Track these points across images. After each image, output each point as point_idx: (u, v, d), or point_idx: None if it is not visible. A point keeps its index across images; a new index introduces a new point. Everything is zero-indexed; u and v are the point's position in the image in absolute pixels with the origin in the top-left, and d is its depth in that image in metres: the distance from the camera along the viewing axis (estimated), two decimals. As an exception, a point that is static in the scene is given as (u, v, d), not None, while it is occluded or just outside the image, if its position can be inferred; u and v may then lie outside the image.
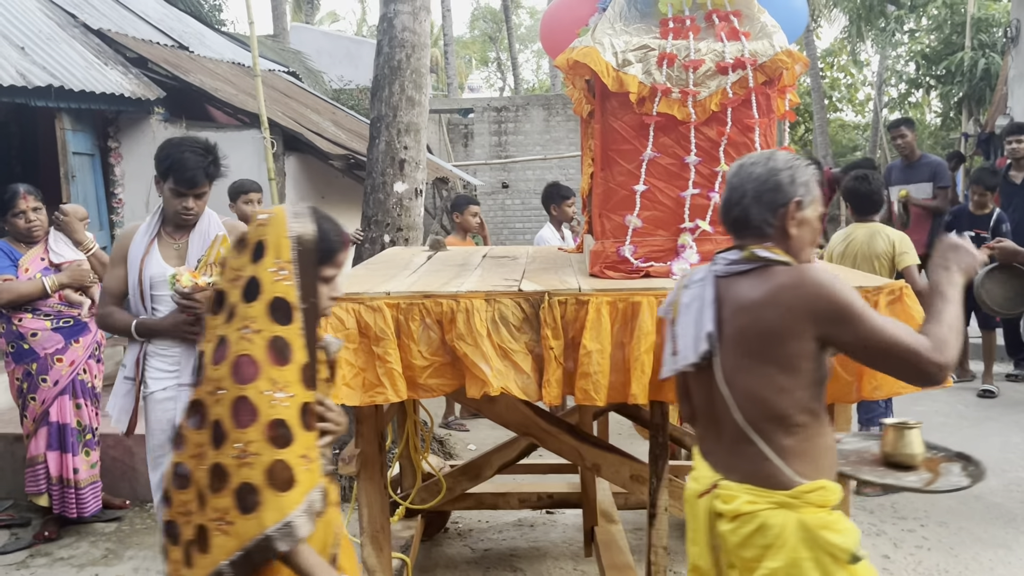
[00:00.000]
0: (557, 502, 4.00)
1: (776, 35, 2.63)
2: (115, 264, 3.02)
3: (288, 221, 1.77)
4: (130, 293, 3.00)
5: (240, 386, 1.66)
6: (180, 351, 2.95)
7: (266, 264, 1.74)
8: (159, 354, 2.98)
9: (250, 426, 1.65)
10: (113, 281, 3.01)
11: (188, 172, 2.95)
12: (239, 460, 1.64)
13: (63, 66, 6.06)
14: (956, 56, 15.07)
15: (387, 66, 5.04)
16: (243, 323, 1.70)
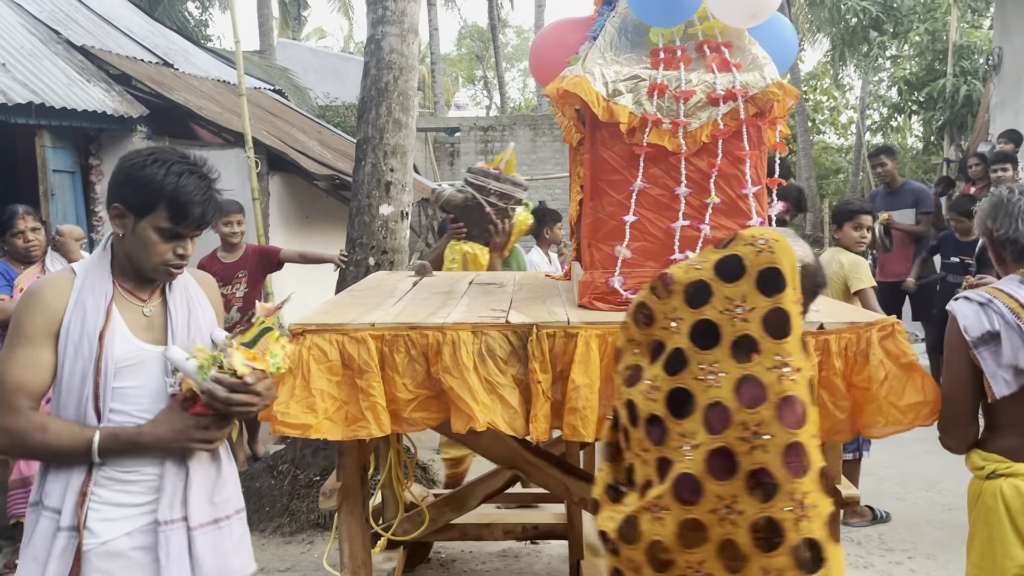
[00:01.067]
0: (542, 533, 3.94)
1: (767, 67, 2.61)
2: (29, 342, 1.87)
3: (793, 247, 1.65)
4: (64, 390, 1.89)
5: (791, 431, 1.50)
6: (158, 471, 1.93)
7: (789, 296, 1.60)
8: (120, 480, 1.90)
9: (804, 476, 1.49)
10: (29, 372, 1.86)
11: (196, 205, 1.93)
12: (797, 514, 1.46)
13: (44, 83, 5.99)
14: (938, 82, 15.27)
15: (374, 88, 5.00)
16: (777, 361, 1.54)
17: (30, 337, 1.88)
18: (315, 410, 2.34)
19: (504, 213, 4.09)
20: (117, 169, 1.96)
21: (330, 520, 4.33)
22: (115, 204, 1.94)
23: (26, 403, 1.86)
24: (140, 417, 1.92)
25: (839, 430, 2.37)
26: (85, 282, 1.94)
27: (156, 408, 1.93)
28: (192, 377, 1.87)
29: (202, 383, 1.85)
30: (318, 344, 2.39)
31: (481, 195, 4.07)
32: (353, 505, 2.70)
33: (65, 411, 1.90)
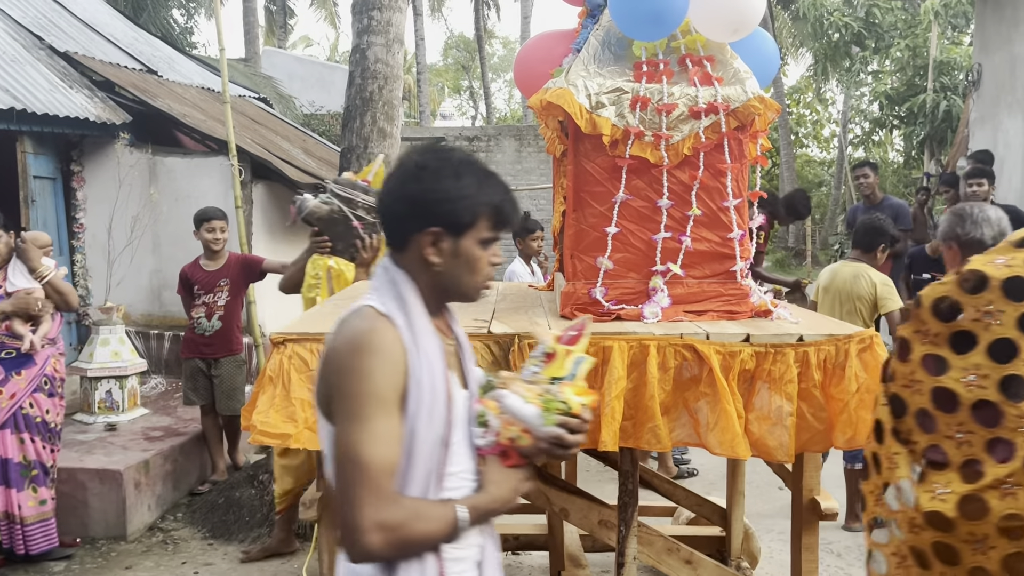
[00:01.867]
0: (523, 544, 3.93)
1: (748, 81, 2.64)
2: (385, 408, 1.48)
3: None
4: (416, 462, 1.52)
5: None
6: (481, 541, 1.67)
7: None
8: (456, 559, 1.59)
9: None
10: (392, 448, 1.48)
11: (509, 202, 1.68)
12: None
13: (26, 89, 5.95)
14: (918, 98, 15.46)
15: (359, 97, 5.01)
16: None
17: (385, 401, 1.48)
18: (295, 420, 2.33)
19: (372, 228, 3.84)
20: (414, 191, 1.58)
21: (311, 530, 4.30)
22: (432, 229, 1.58)
23: (388, 484, 1.47)
24: (464, 478, 1.60)
25: (816, 441, 2.39)
26: (410, 322, 1.56)
27: (468, 464, 1.62)
28: (532, 424, 1.59)
29: (544, 429, 1.59)
30: (299, 353, 2.38)
31: (348, 208, 3.81)
32: (333, 516, 2.69)
33: (411, 486, 1.51)
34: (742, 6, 2.63)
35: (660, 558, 2.87)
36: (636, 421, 2.37)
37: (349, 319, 1.56)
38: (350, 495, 1.44)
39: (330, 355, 1.52)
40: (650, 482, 3.86)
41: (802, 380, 2.36)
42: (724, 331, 2.41)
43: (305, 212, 3.78)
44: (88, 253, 6.65)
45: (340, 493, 1.47)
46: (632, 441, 2.38)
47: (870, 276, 4.49)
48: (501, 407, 1.62)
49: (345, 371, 1.48)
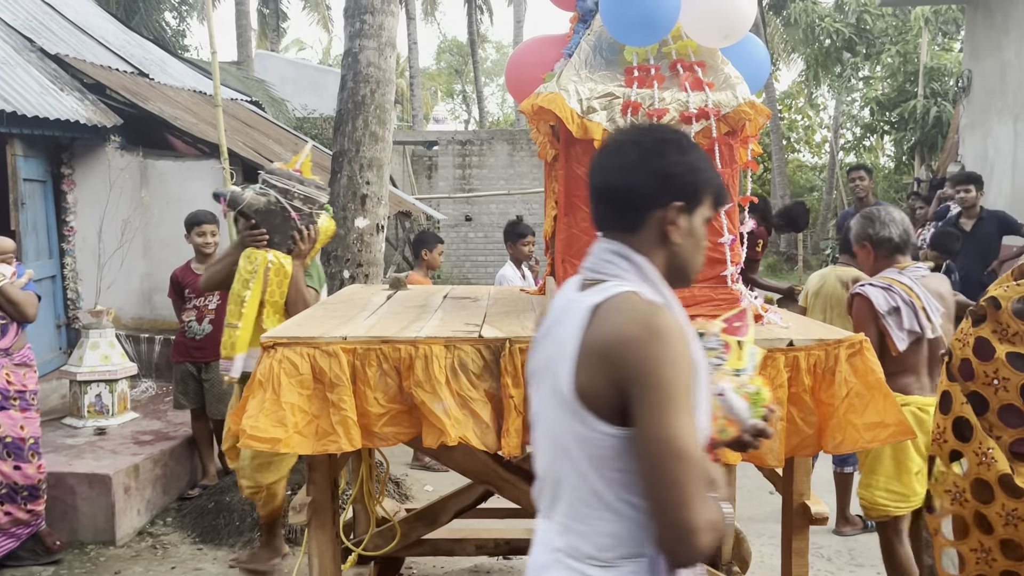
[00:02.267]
0: (515, 548, 3.92)
1: (739, 86, 2.65)
2: (690, 399, 1.41)
3: None
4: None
5: None
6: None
7: None
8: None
9: None
10: (696, 440, 1.40)
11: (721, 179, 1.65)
12: None
13: (17, 91, 5.92)
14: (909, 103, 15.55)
15: (351, 101, 5.01)
16: None
17: (690, 390, 1.41)
18: (285, 424, 2.33)
19: (309, 219, 3.73)
20: (659, 165, 1.53)
21: (301, 535, 4.28)
22: (676, 204, 1.53)
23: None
24: None
25: (806, 445, 2.39)
26: (671, 307, 1.52)
27: None
28: (741, 417, 1.57)
29: (751, 422, 1.57)
30: (289, 357, 2.38)
31: (285, 199, 3.67)
32: (323, 520, 2.68)
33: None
34: (733, 12, 2.64)
35: (651, 563, 2.87)
36: (627, 425, 2.36)
37: (620, 306, 1.45)
38: (677, 493, 1.34)
39: (615, 345, 1.41)
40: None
41: (792, 385, 2.37)
42: (715, 336, 2.41)
43: (242, 204, 3.60)
44: (78, 256, 6.62)
45: (661, 492, 1.36)
46: (623, 445, 2.38)
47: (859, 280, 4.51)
48: (720, 401, 1.58)
49: (649, 360, 1.38)
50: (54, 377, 6.00)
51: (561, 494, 1.52)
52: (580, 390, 1.44)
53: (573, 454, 1.47)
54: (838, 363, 2.35)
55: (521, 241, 5.95)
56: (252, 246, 3.68)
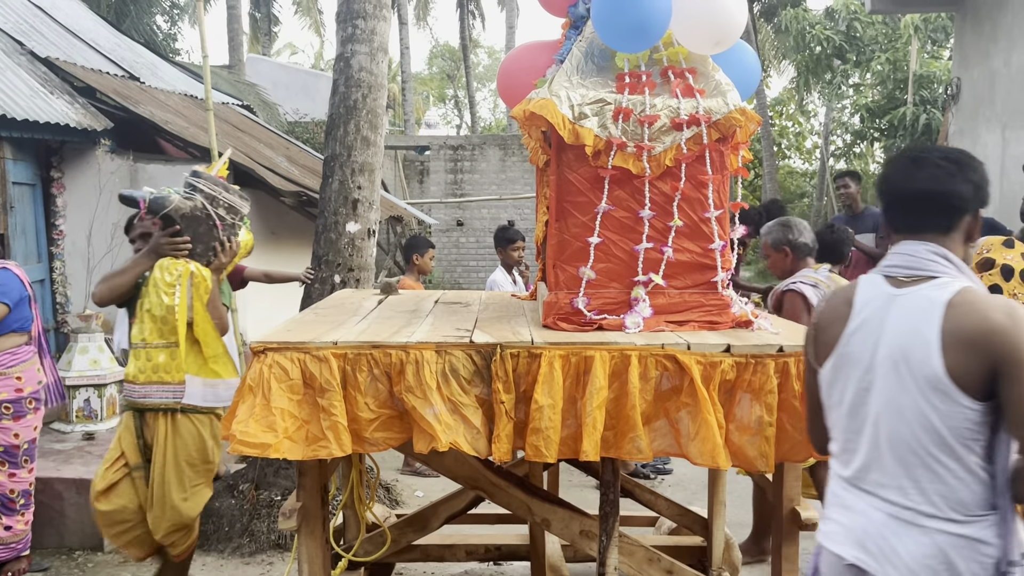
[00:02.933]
0: (505, 554, 3.92)
1: (730, 93, 2.66)
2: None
3: None
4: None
5: None
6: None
7: None
8: None
9: None
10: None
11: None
12: None
13: (6, 94, 5.89)
14: (899, 111, 15.63)
15: (343, 105, 5.00)
16: None
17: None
18: (275, 429, 2.32)
19: (232, 230, 3.47)
20: (976, 177, 1.87)
21: (290, 541, 4.27)
22: (980, 210, 1.90)
23: None
24: None
25: (796, 451, 2.40)
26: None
27: None
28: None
29: None
30: (279, 362, 2.37)
31: (211, 205, 3.39)
32: (313, 526, 2.67)
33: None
34: (724, 19, 2.65)
35: (641, 568, 2.88)
36: (618, 431, 2.37)
37: (975, 301, 1.77)
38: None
39: (986, 333, 1.72)
40: (632, 492, 3.86)
41: (782, 390, 2.37)
42: (705, 341, 2.42)
43: (168, 207, 3.29)
44: (67, 260, 6.59)
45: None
46: (614, 451, 2.38)
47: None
48: None
49: (1017, 344, 1.70)
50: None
51: (911, 461, 1.80)
52: (951, 372, 1.74)
53: (934, 427, 1.76)
54: (828, 369, 2.36)
55: (512, 246, 5.95)
56: (171, 255, 3.37)
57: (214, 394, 3.46)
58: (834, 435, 1.99)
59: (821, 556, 1.99)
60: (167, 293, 3.33)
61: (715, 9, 2.64)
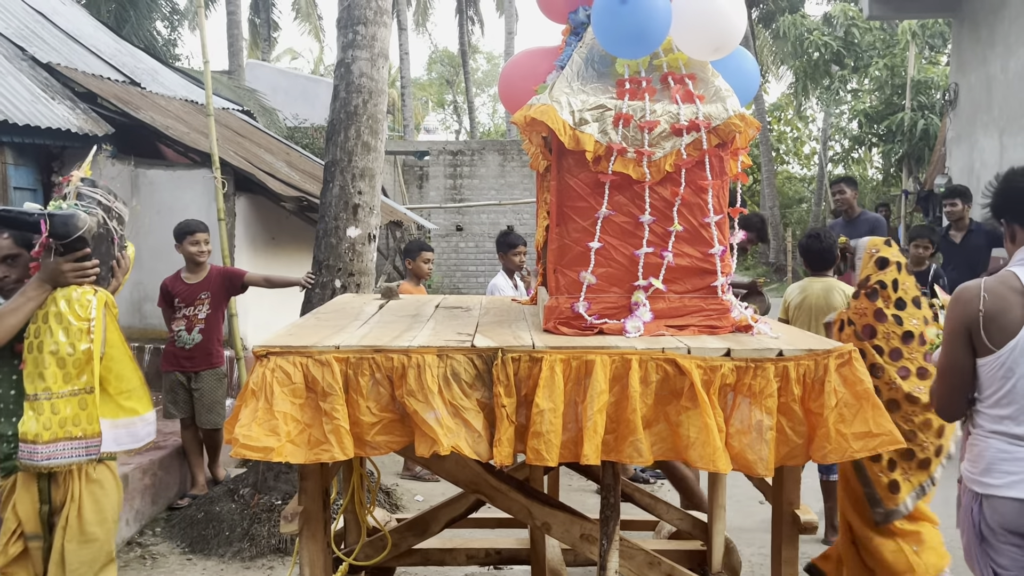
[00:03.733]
0: (505, 558, 3.93)
1: (730, 99, 2.68)
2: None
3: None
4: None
5: None
6: None
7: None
8: None
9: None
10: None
11: None
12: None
13: (7, 99, 5.91)
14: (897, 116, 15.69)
15: (343, 111, 5.02)
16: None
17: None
18: (278, 433, 2.33)
19: (121, 244, 3.01)
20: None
21: (291, 545, 4.27)
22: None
23: None
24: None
25: (795, 455, 2.41)
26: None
27: None
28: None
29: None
30: (281, 366, 2.38)
31: (108, 218, 2.92)
32: (315, 529, 2.68)
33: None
34: (723, 26, 2.68)
35: (641, 572, 2.89)
36: (618, 435, 2.38)
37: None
38: None
39: None
40: (631, 496, 3.87)
41: (782, 394, 2.38)
42: (705, 345, 2.43)
43: (82, 228, 2.77)
44: (68, 265, 6.60)
45: None
46: (614, 455, 2.39)
47: (843, 289, 4.57)
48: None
49: None
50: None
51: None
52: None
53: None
54: (827, 373, 2.37)
55: (512, 251, 5.97)
56: (79, 283, 2.82)
57: (130, 434, 2.93)
58: (1006, 402, 2.52)
59: (989, 505, 2.53)
60: (81, 331, 2.79)
61: (715, 15, 2.66)
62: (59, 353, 2.77)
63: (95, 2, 14.04)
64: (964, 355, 2.58)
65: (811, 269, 4.83)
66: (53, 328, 2.78)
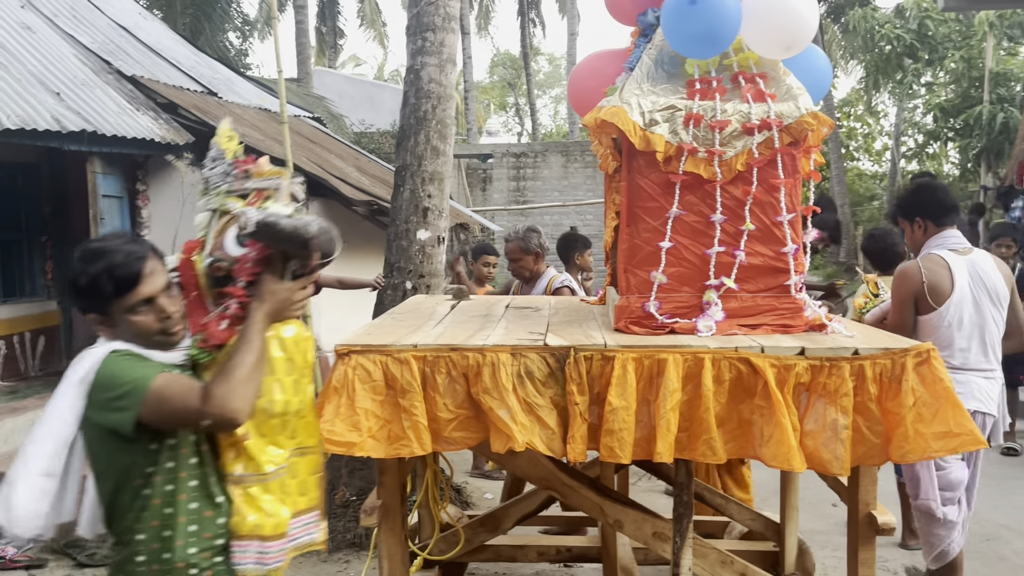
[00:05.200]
0: (576, 556, 3.96)
1: (801, 97, 2.67)
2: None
3: None
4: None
5: None
6: None
7: None
8: None
9: None
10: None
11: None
12: None
13: (96, 111, 6.21)
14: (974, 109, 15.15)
15: (413, 116, 5.13)
16: None
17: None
18: (359, 428, 2.41)
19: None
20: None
21: (366, 540, 4.39)
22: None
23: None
24: None
25: (872, 455, 2.39)
26: None
27: None
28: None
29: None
30: (363, 364, 2.47)
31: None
32: (393, 523, 2.76)
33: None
34: (795, 24, 2.67)
35: (715, 571, 2.89)
36: (691, 433, 2.40)
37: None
38: None
39: (1009, 275, 3.53)
40: (701, 495, 3.86)
41: (858, 393, 2.37)
42: (779, 344, 2.43)
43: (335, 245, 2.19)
44: (151, 269, 6.89)
45: None
46: (687, 453, 2.41)
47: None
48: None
49: None
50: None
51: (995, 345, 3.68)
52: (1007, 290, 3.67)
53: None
54: (905, 372, 2.35)
55: (588, 251, 6.05)
56: (296, 316, 2.16)
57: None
58: (943, 343, 3.54)
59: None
60: (304, 377, 2.21)
61: (786, 13, 2.65)
62: (279, 408, 2.13)
63: (172, 15, 14.59)
64: (910, 315, 3.71)
65: (877, 269, 4.77)
66: (287, 379, 2.16)
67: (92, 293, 1.96)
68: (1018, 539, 4.66)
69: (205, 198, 2.25)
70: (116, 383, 1.89)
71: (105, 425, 1.91)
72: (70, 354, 7.20)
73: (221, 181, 2.23)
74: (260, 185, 2.23)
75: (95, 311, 1.99)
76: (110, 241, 2.01)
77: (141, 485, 1.96)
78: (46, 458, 1.90)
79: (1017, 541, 4.64)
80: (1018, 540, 4.65)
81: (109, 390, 1.89)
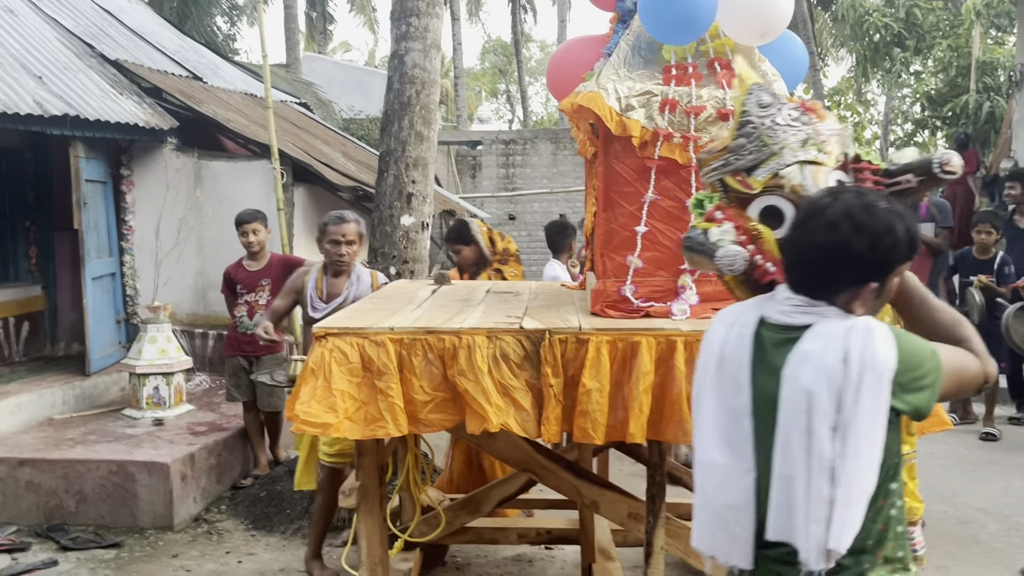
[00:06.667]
0: (555, 538, 4.01)
1: (776, 83, 2.70)
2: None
3: None
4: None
5: None
6: None
7: None
8: None
9: None
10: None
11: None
12: None
13: (79, 95, 6.17)
14: (961, 99, 15.21)
15: (397, 102, 5.14)
16: None
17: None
18: (336, 410, 2.44)
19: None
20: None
21: (348, 524, 4.41)
22: None
23: None
24: None
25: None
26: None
27: None
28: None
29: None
30: (339, 347, 2.49)
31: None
32: (371, 504, 2.79)
33: None
34: (770, 11, 2.69)
35: (688, 551, 2.93)
36: (663, 415, 2.44)
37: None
38: None
39: None
40: (681, 479, 3.91)
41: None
42: (750, 328, 2.46)
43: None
44: (136, 254, 6.87)
45: None
46: (659, 434, 2.45)
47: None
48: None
49: None
50: (115, 370, 6.25)
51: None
52: None
53: None
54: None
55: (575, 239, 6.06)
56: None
57: None
58: None
59: None
60: None
61: (761, 1, 2.68)
62: None
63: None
64: None
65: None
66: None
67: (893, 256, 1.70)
68: (993, 522, 4.73)
69: (787, 149, 1.97)
70: (919, 360, 1.63)
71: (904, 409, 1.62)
72: (54, 339, 7.19)
73: (798, 127, 1.99)
74: (833, 130, 2.09)
75: (877, 279, 1.71)
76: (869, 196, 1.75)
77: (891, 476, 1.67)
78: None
79: (992, 524, 4.71)
80: (993, 523, 4.72)
81: (915, 369, 1.62)
